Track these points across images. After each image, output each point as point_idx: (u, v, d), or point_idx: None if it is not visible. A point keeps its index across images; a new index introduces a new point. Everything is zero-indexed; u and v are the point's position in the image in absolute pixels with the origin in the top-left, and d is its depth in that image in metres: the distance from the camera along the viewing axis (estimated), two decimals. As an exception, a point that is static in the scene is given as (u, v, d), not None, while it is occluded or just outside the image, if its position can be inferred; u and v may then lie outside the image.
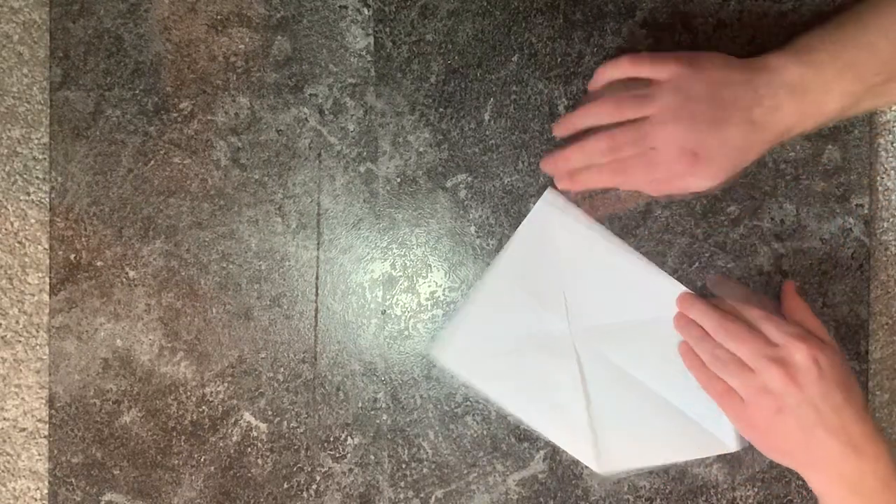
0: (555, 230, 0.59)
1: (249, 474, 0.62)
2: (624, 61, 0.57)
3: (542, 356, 0.59)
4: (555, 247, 0.59)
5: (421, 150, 0.61)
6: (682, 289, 0.58)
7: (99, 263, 0.61)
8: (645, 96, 0.56)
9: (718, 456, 0.59)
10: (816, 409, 0.52)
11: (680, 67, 0.55)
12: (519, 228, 0.59)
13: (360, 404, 0.61)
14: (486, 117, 0.61)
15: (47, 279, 0.63)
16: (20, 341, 0.64)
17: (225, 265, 0.61)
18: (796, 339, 0.53)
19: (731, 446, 0.58)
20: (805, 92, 0.53)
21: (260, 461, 0.61)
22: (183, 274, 0.61)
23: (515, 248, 0.60)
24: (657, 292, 0.58)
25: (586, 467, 0.60)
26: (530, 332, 0.59)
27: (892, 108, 0.62)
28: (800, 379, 0.52)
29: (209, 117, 0.61)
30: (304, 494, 0.61)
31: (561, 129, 0.59)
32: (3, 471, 0.64)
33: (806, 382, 0.52)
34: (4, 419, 0.64)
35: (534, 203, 0.60)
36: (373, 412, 0.61)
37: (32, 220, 0.64)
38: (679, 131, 0.53)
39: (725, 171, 0.54)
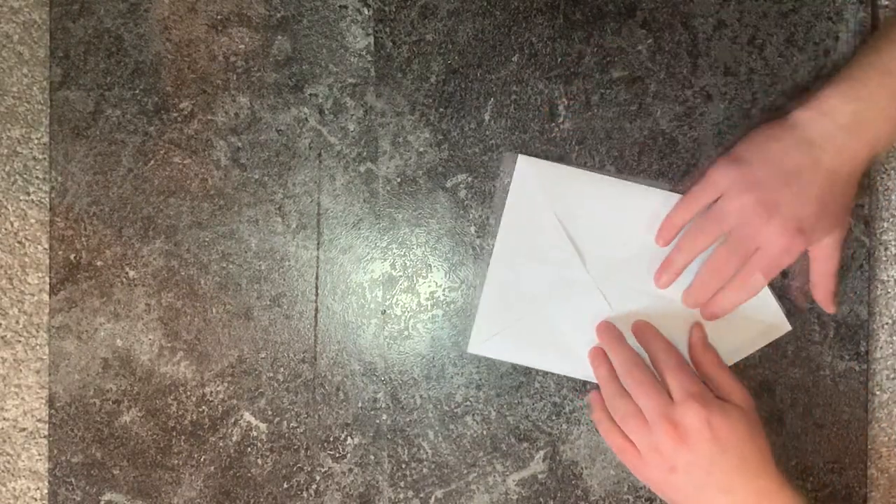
0: (539, 190, 0.60)
1: (249, 474, 0.62)
2: (681, 205, 0.58)
3: (572, 311, 0.60)
4: (544, 205, 0.60)
5: (421, 150, 0.61)
6: (676, 196, 0.59)
7: (99, 263, 0.61)
8: (716, 212, 0.56)
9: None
10: (707, 471, 0.52)
11: (728, 170, 0.56)
12: (506, 203, 0.60)
13: (360, 404, 0.61)
14: (486, 117, 0.61)
15: (47, 279, 0.63)
16: (20, 341, 0.64)
17: (225, 265, 0.61)
18: (691, 399, 0.52)
19: (784, 326, 0.59)
20: (861, 125, 0.53)
21: (260, 461, 0.61)
22: (183, 274, 0.61)
23: (509, 223, 0.60)
24: (660, 210, 0.59)
25: (586, 467, 0.60)
26: (554, 294, 0.60)
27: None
28: (690, 440, 0.52)
29: (209, 117, 0.61)
30: (304, 494, 0.61)
31: (664, 280, 0.59)
32: (3, 471, 0.64)
33: (695, 443, 0.52)
34: (4, 419, 0.64)
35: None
36: (373, 412, 0.61)
37: (32, 220, 0.64)
38: (773, 223, 0.54)
39: (836, 221, 0.55)
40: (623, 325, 0.59)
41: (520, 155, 0.60)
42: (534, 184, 0.60)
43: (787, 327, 0.59)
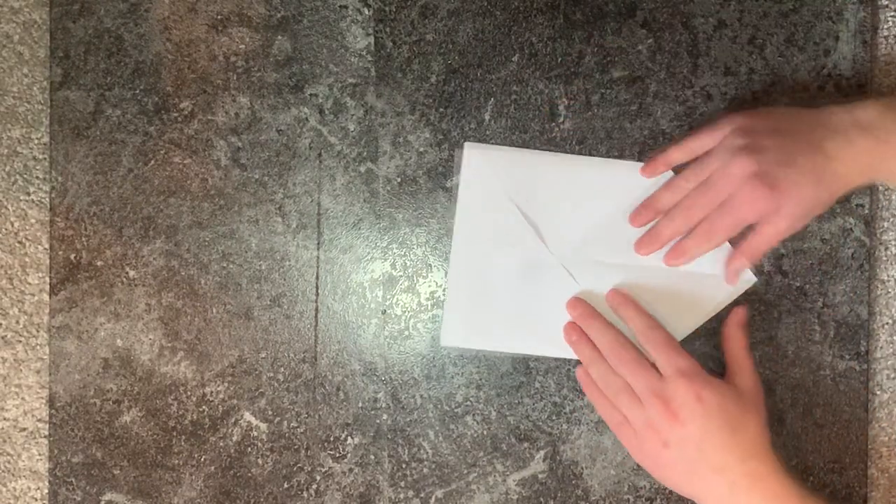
0: (490, 175, 0.60)
1: (249, 474, 0.62)
2: (685, 140, 0.57)
3: (540, 292, 0.60)
4: (497, 189, 0.60)
5: (421, 149, 0.61)
6: (633, 164, 0.59)
7: (99, 263, 0.61)
8: (706, 154, 0.56)
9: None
10: (698, 447, 0.52)
11: (739, 117, 0.55)
12: (459, 192, 0.60)
13: (360, 404, 0.61)
14: (487, 117, 0.61)
15: (47, 279, 0.63)
16: (20, 341, 0.64)
17: (225, 265, 0.61)
18: (680, 374, 0.53)
19: (749, 279, 0.59)
20: (879, 131, 0.52)
21: (260, 461, 0.62)
22: (183, 274, 0.61)
23: (465, 212, 0.60)
24: (613, 180, 0.59)
25: (586, 467, 0.60)
26: (519, 277, 0.60)
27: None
28: (682, 416, 0.52)
29: (209, 117, 0.61)
30: (304, 494, 0.61)
31: (639, 220, 0.59)
32: (3, 471, 0.64)
33: (688, 419, 0.52)
34: (4, 419, 0.64)
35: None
36: (373, 412, 0.61)
37: (32, 220, 0.64)
38: (748, 164, 0.53)
39: (807, 206, 0.53)
40: (592, 300, 0.59)
41: (466, 143, 0.60)
42: (484, 170, 0.60)
43: (753, 279, 0.59)
